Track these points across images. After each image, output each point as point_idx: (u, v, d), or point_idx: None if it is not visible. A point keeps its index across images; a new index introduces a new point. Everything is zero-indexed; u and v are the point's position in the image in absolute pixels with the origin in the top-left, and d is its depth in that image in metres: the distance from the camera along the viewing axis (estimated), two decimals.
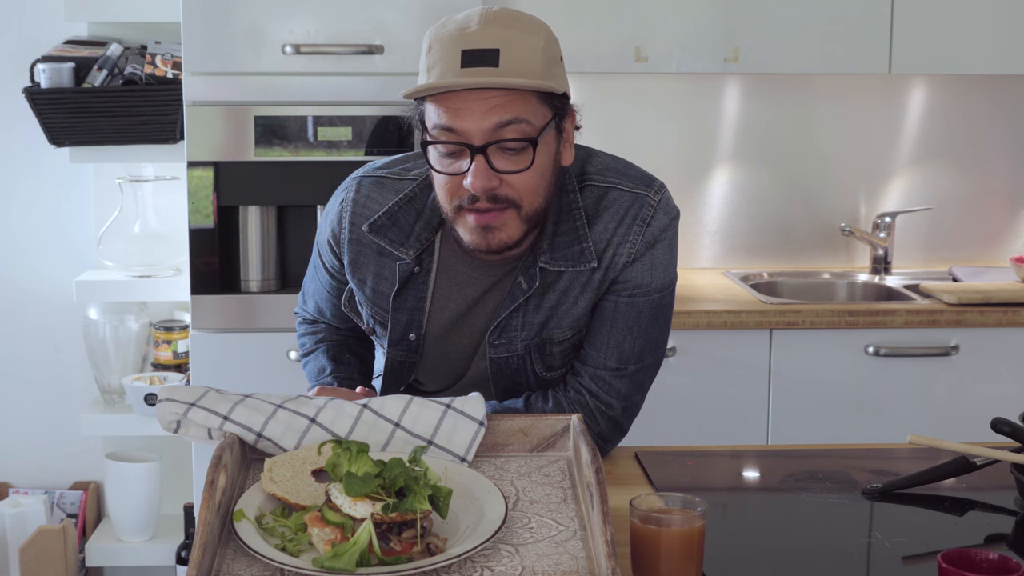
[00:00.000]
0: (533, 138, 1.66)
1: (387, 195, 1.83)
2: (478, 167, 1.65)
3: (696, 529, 1.37)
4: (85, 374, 3.41)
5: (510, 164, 1.66)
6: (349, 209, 1.85)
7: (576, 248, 1.77)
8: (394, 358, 1.88)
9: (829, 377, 3.00)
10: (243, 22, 2.88)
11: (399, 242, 1.81)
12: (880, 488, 1.70)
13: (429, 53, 1.67)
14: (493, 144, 1.64)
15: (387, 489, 1.32)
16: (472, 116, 1.63)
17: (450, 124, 1.64)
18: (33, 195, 3.42)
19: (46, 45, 3.23)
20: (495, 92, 1.63)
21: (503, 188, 1.67)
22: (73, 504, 3.42)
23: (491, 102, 1.63)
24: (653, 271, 1.80)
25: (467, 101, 1.63)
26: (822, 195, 3.56)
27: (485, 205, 1.67)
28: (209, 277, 2.94)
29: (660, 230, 1.79)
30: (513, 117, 1.63)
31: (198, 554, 1.26)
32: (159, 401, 1.59)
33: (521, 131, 1.65)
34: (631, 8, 3.12)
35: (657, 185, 1.82)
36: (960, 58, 3.21)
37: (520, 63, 1.63)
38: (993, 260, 3.57)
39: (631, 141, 3.43)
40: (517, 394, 1.87)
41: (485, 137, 1.64)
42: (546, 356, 1.84)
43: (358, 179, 1.87)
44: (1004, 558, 1.32)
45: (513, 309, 1.80)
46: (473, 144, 1.64)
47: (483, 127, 1.63)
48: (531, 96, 1.65)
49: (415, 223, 1.81)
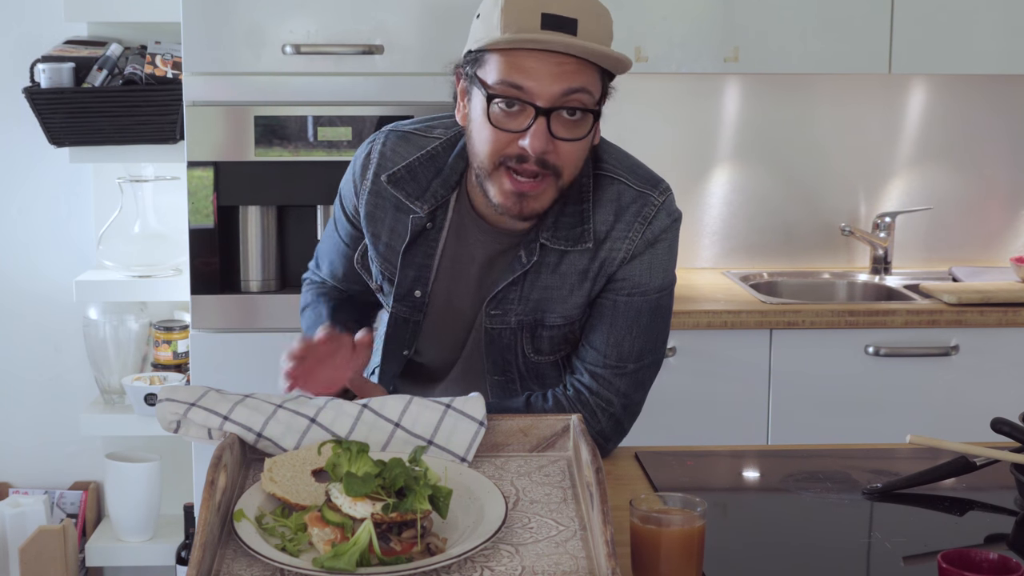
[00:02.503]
0: (596, 109, 1.70)
1: (411, 150, 1.85)
2: (539, 128, 1.67)
3: (696, 529, 1.37)
4: (85, 374, 3.41)
5: (569, 132, 1.69)
6: (375, 161, 1.87)
7: (577, 230, 1.79)
8: (398, 314, 1.89)
9: (829, 377, 3.00)
10: (243, 22, 2.88)
11: (415, 196, 1.83)
12: (880, 488, 1.70)
13: (505, 9, 1.67)
14: (558, 109, 1.67)
15: (387, 489, 1.32)
16: (543, 78, 1.66)
17: (519, 82, 1.66)
18: (33, 195, 3.42)
19: (46, 45, 3.23)
20: (569, 59, 1.66)
21: (553, 155, 1.69)
22: (73, 504, 3.42)
23: (564, 68, 1.66)
24: (652, 271, 1.80)
25: (540, 62, 1.66)
26: (822, 195, 3.56)
27: (532, 168, 1.69)
28: (209, 277, 2.94)
29: (661, 230, 1.80)
30: (581, 86, 1.67)
31: (198, 554, 1.26)
32: (159, 401, 1.59)
33: (584, 101, 1.69)
34: (631, 8, 3.11)
35: (663, 187, 1.84)
36: (960, 58, 3.21)
37: (595, 35, 1.68)
38: (993, 260, 3.57)
39: (631, 141, 3.40)
40: (507, 371, 1.88)
41: (552, 101, 1.67)
42: (536, 338, 1.86)
43: (387, 132, 1.89)
44: (1004, 558, 1.32)
45: (511, 282, 1.81)
46: (539, 105, 1.66)
47: (552, 91, 1.66)
48: (595, 70, 1.70)
49: (433, 180, 1.83)
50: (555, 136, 1.68)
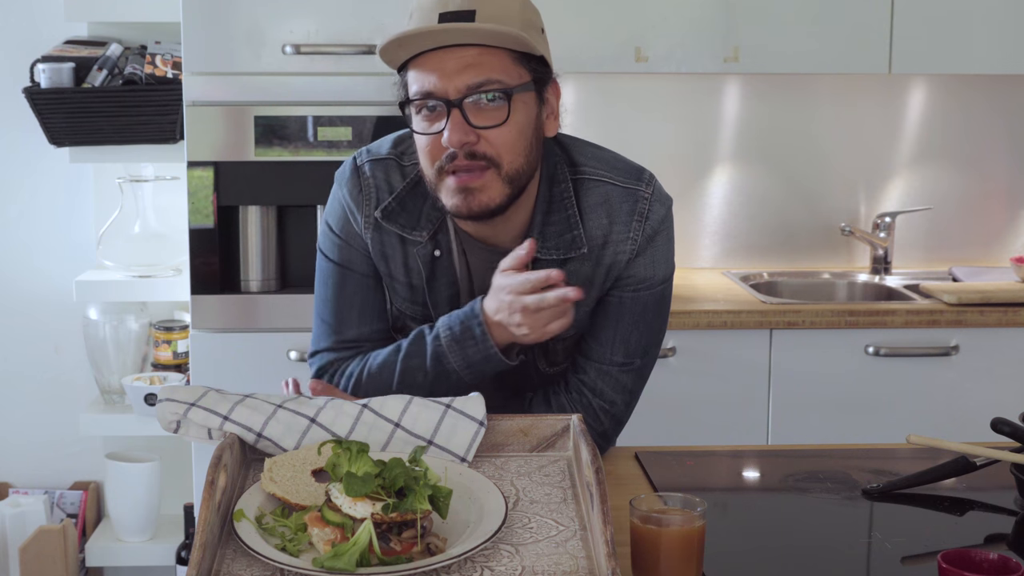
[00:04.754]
0: (508, 90, 1.67)
1: (395, 177, 1.82)
2: (454, 121, 1.66)
3: (696, 529, 1.37)
4: (85, 374, 3.41)
5: (486, 119, 1.67)
6: (371, 194, 1.81)
7: (567, 236, 1.77)
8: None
9: (829, 377, 3.00)
10: (243, 22, 2.88)
11: (411, 226, 1.80)
12: (880, 488, 1.70)
13: (410, 20, 1.70)
14: (470, 99, 1.66)
15: (387, 489, 1.32)
16: (447, 73, 1.66)
17: (427, 83, 1.67)
18: (33, 195, 3.42)
19: (46, 45, 3.23)
20: (469, 50, 1.66)
21: (481, 145, 1.68)
22: (73, 504, 3.42)
23: (466, 59, 1.66)
24: (655, 264, 1.80)
25: (442, 61, 1.66)
26: (822, 195, 3.56)
27: (464, 163, 1.67)
28: (209, 277, 2.94)
29: (659, 222, 1.80)
30: (487, 77, 1.66)
31: (198, 554, 1.26)
32: (159, 401, 1.59)
33: (494, 85, 1.67)
34: (631, 8, 3.11)
35: (647, 176, 1.81)
36: (960, 58, 3.21)
37: (495, 19, 1.66)
38: (993, 260, 3.57)
39: (631, 141, 3.43)
40: (519, 393, 1.86)
41: (460, 92, 1.66)
42: (550, 352, 1.84)
43: (365, 164, 1.83)
44: (1004, 558, 1.32)
45: None
46: (449, 99, 1.66)
47: (457, 84, 1.66)
48: (506, 56, 1.68)
49: (423, 206, 1.80)
50: (474, 125, 1.67)
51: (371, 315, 1.86)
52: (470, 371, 1.74)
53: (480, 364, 1.74)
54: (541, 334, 1.69)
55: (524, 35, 1.67)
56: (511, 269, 1.70)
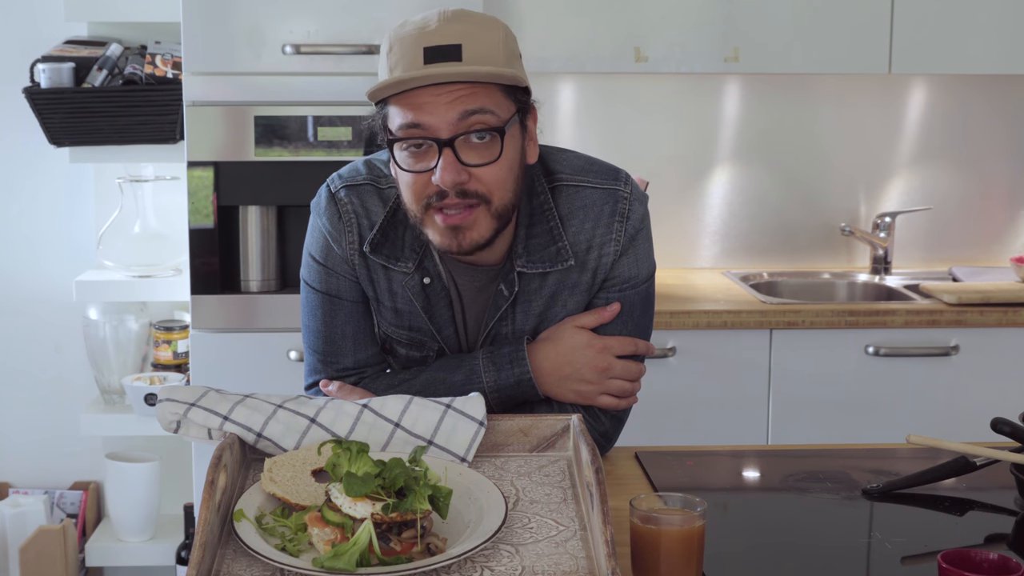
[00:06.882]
0: (500, 127, 1.65)
1: (375, 204, 1.79)
2: (447, 160, 1.64)
3: (696, 529, 1.37)
4: (85, 374, 3.41)
5: (479, 157, 1.65)
6: (352, 222, 1.79)
7: (552, 248, 1.77)
8: (412, 357, 1.86)
9: (829, 377, 3.00)
10: (243, 22, 2.88)
11: (395, 257, 1.79)
12: (880, 488, 1.70)
13: (390, 54, 1.66)
14: (460, 137, 1.63)
15: (387, 489, 1.32)
16: (438, 109, 1.63)
17: (416, 120, 1.64)
18: (33, 195, 3.42)
19: (46, 45, 3.23)
20: (459, 85, 1.63)
21: (472, 183, 1.66)
22: (73, 504, 3.42)
23: (456, 94, 1.63)
24: (639, 262, 1.81)
25: (432, 96, 1.63)
26: (822, 195, 3.56)
27: (454, 201, 1.65)
28: (209, 277, 2.94)
29: (639, 220, 1.80)
30: (479, 107, 1.63)
31: (198, 554, 1.26)
32: (159, 401, 1.59)
33: (487, 122, 1.64)
34: (631, 8, 3.12)
35: (623, 175, 1.81)
36: (960, 58, 3.21)
37: (483, 56, 1.63)
38: (993, 260, 3.57)
39: (631, 141, 3.43)
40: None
41: (452, 130, 1.63)
42: None
43: (340, 190, 1.80)
44: (1004, 558, 1.32)
45: (500, 317, 1.79)
46: (440, 137, 1.64)
47: (449, 119, 1.63)
48: (495, 89, 1.65)
49: (404, 234, 1.78)
50: (466, 164, 1.64)
51: (365, 341, 1.85)
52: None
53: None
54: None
55: (514, 71, 1.65)
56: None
